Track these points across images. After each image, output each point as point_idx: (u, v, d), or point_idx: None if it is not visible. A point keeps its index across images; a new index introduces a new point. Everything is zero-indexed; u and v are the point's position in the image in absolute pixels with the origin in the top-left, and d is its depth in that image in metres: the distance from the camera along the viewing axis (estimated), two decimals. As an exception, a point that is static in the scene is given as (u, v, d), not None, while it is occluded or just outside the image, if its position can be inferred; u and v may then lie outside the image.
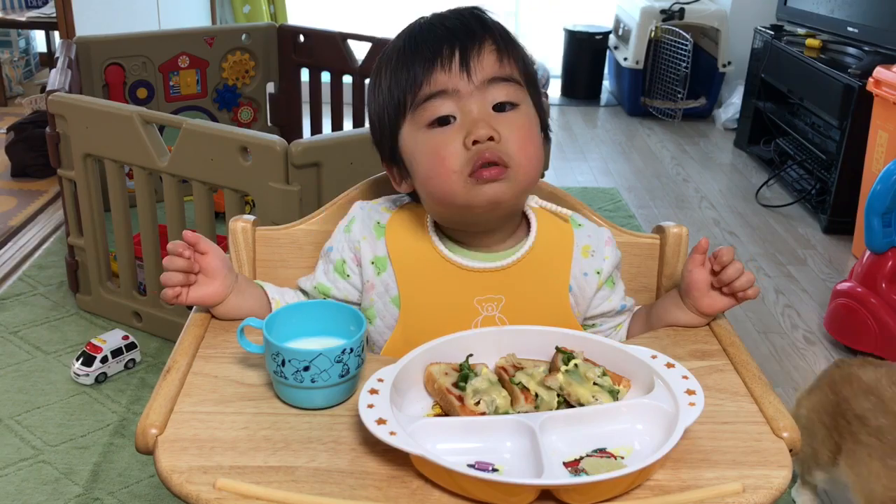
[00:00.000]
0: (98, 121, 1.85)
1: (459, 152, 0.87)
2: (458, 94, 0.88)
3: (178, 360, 0.84)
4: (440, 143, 0.88)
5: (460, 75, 0.87)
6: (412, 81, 0.89)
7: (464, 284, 0.94)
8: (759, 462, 0.72)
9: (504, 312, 0.94)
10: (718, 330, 0.94)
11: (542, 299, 0.95)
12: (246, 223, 1.02)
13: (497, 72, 0.88)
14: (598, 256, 0.98)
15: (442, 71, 0.88)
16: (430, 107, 0.88)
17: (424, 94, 0.88)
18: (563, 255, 0.97)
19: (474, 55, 0.88)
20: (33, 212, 2.69)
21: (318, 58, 2.79)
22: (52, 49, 4.29)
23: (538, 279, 0.95)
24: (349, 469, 0.71)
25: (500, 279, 0.94)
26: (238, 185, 1.71)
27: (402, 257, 0.96)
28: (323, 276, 0.99)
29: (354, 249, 0.97)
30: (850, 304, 2.00)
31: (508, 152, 0.87)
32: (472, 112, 0.88)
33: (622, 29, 4.07)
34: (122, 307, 2.02)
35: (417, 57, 0.89)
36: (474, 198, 0.88)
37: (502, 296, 0.94)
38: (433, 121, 0.89)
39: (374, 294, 0.96)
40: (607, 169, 3.34)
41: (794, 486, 1.52)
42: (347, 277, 0.98)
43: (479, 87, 0.88)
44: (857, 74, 2.66)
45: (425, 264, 0.95)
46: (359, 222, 0.98)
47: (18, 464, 1.56)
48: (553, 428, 0.74)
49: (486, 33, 0.89)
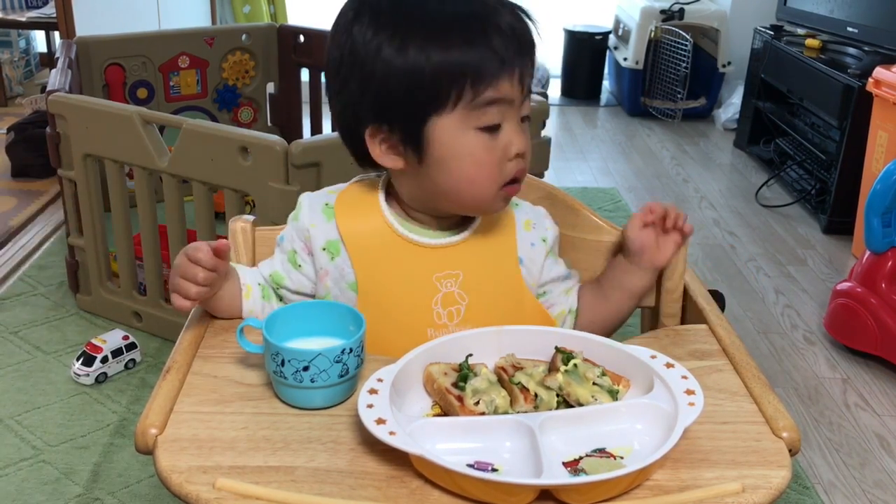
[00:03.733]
0: (98, 121, 1.85)
1: (500, 163, 0.89)
2: (513, 104, 0.88)
3: (177, 360, 0.84)
4: (482, 153, 0.88)
5: (519, 89, 0.88)
6: (471, 77, 0.84)
7: (421, 261, 0.94)
8: (758, 462, 0.72)
9: (462, 288, 0.94)
10: (718, 330, 0.94)
11: (497, 273, 0.96)
12: (246, 223, 1.02)
13: (529, 86, 0.90)
14: (541, 227, 1.00)
15: (509, 80, 0.86)
16: (490, 112, 0.86)
17: (488, 97, 0.85)
18: (507, 230, 0.98)
19: (528, 72, 0.88)
20: (33, 212, 2.69)
21: (318, 58, 2.79)
22: (52, 49, 4.29)
23: (490, 253, 0.97)
24: (348, 469, 0.71)
25: (456, 254, 0.95)
26: (238, 185, 1.71)
27: (356, 238, 0.94)
28: (279, 265, 0.98)
29: (304, 238, 0.96)
30: (850, 304, 2.00)
31: (525, 168, 0.92)
32: (514, 121, 0.89)
33: (622, 29, 4.06)
34: (122, 307, 2.02)
35: (477, 50, 0.84)
36: (495, 205, 0.93)
37: (460, 271, 0.94)
38: (486, 126, 0.87)
39: (329, 280, 0.95)
40: (607, 169, 3.34)
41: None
42: (299, 268, 0.97)
43: (524, 101, 0.90)
44: (856, 74, 2.66)
45: (380, 243, 0.94)
46: (306, 209, 0.96)
47: (18, 464, 1.56)
48: (552, 428, 0.74)
49: (533, 47, 0.90)
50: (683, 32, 3.73)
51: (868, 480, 1.62)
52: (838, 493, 1.58)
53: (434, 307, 0.94)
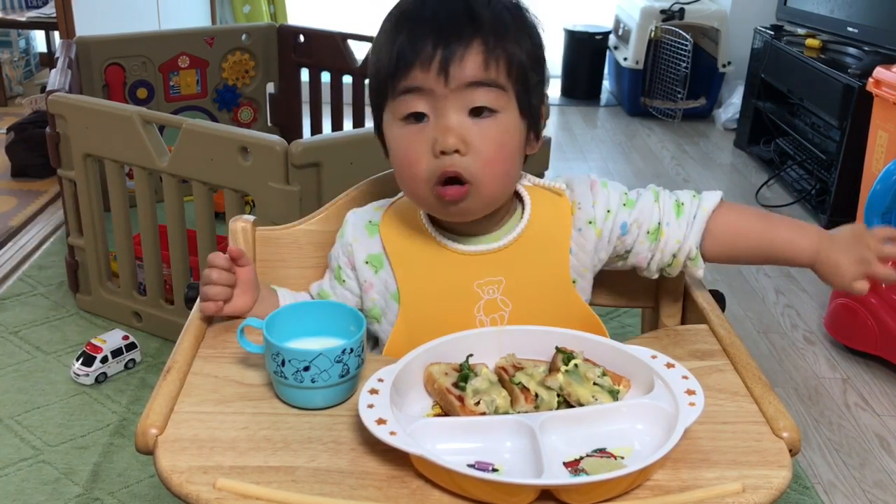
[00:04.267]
0: (98, 121, 1.85)
1: (427, 158, 0.86)
2: (433, 94, 0.84)
3: (178, 360, 0.84)
4: (410, 143, 0.87)
5: (437, 78, 0.83)
6: (392, 68, 0.85)
7: (462, 270, 0.93)
8: (758, 462, 0.72)
9: (505, 294, 0.93)
10: (719, 330, 0.94)
11: (542, 276, 0.94)
12: (246, 223, 1.03)
13: (479, 76, 0.84)
14: (586, 205, 0.94)
15: (421, 69, 0.84)
16: (405, 101, 0.86)
17: (402, 87, 0.85)
18: (561, 227, 0.95)
19: (456, 59, 0.83)
20: (33, 212, 2.69)
21: (317, 58, 2.79)
22: (52, 49, 4.29)
23: (536, 256, 0.94)
24: (349, 469, 0.71)
25: (499, 260, 0.93)
26: (238, 185, 1.71)
27: (399, 251, 0.95)
28: (327, 282, 1.01)
29: (348, 253, 0.98)
30: (850, 304, 2.00)
31: (473, 168, 0.86)
32: (445, 116, 0.85)
33: (622, 29, 4.06)
34: (122, 307, 2.02)
35: (402, 42, 0.85)
36: (441, 211, 0.90)
37: (502, 277, 0.93)
38: (406, 115, 0.87)
39: (375, 293, 0.97)
40: (607, 169, 3.34)
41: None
42: (343, 283, 0.98)
43: (456, 90, 0.84)
44: (857, 74, 2.66)
45: (422, 255, 0.95)
46: (350, 226, 0.98)
47: (18, 464, 1.56)
48: (553, 428, 0.74)
49: (475, 33, 0.84)
50: (683, 32, 3.73)
51: (868, 480, 1.62)
52: (838, 493, 1.58)
53: (477, 314, 0.93)
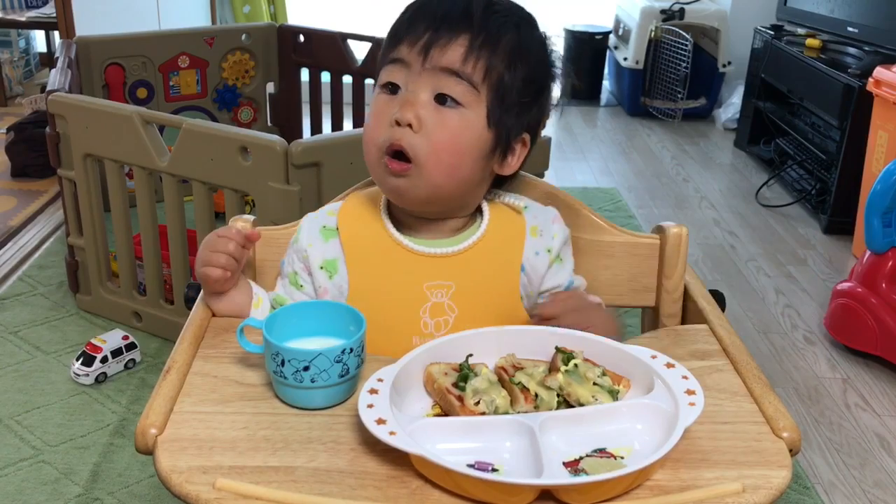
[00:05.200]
0: (98, 121, 1.85)
1: (386, 126, 0.89)
2: (409, 67, 0.89)
3: (177, 360, 0.84)
4: (379, 109, 0.91)
5: (418, 55, 0.88)
6: (388, 41, 0.91)
7: (413, 269, 0.94)
8: (758, 462, 0.72)
9: (453, 299, 0.94)
10: (719, 330, 0.94)
11: (492, 287, 0.95)
12: (246, 223, 1.02)
13: (454, 65, 0.87)
14: (547, 235, 0.98)
15: (408, 45, 0.89)
16: (387, 70, 0.91)
17: (389, 57, 0.91)
18: (515, 241, 0.97)
19: (440, 43, 0.87)
20: (33, 212, 2.69)
21: (318, 58, 2.79)
22: (52, 49, 4.29)
23: (489, 266, 0.95)
24: (349, 469, 0.71)
25: (451, 265, 0.94)
26: (238, 185, 1.71)
27: (355, 245, 0.96)
28: (281, 289, 1.00)
29: (303, 259, 0.98)
30: (850, 304, 2.00)
31: (419, 148, 0.88)
32: (412, 91, 0.88)
33: (622, 29, 4.06)
34: (122, 307, 2.02)
35: (403, 21, 0.91)
36: (382, 181, 0.92)
37: (452, 283, 0.94)
38: (384, 83, 0.91)
39: (329, 297, 0.97)
40: (607, 169, 3.34)
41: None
42: (301, 288, 0.98)
43: (430, 70, 0.88)
44: (857, 74, 2.66)
45: (376, 248, 0.95)
46: (305, 231, 0.99)
47: (18, 464, 1.56)
48: (553, 428, 0.74)
49: (466, 27, 0.88)
50: (683, 32, 3.73)
51: (868, 480, 1.62)
52: (838, 493, 1.58)
53: (422, 316, 0.94)
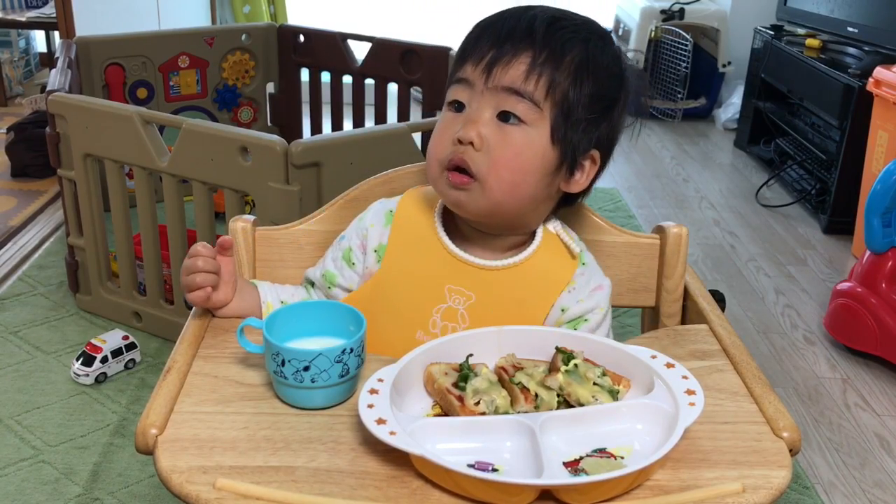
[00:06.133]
0: (98, 121, 1.85)
1: (449, 143, 0.89)
2: (474, 87, 0.89)
3: (178, 360, 0.84)
4: (444, 126, 0.91)
5: (481, 74, 0.88)
6: (456, 60, 0.93)
7: (441, 267, 0.94)
8: (758, 462, 0.72)
9: (468, 310, 0.94)
10: (718, 330, 0.94)
11: (512, 316, 0.93)
12: (246, 223, 1.03)
13: (515, 83, 0.87)
14: (575, 295, 0.95)
15: (473, 64, 0.90)
16: (453, 90, 0.92)
17: (456, 77, 0.92)
18: (550, 287, 0.95)
19: (502, 62, 0.88)
20: (33, 212, 2.69)
21: (318, 58, 2.79)
22: (52, 49, 4.29)
23: (517, 293, 0.94)
24: (349, 469, 0.71)
25: (478, 277, 0.94)
26: (238, 185, 1.71)
27: (402, 228, 0.97)
28: (331, 263, 1.00)
29: (362, 236, 0.98)
30: (850, 304, 2.00)
31: (482, 165, 0.88)
32: (475, 110, 0.89)
33: (622, 29, 4.06)
34: (122, 307, 2.02)
35: (470, 40, 0.92)
36: (443, 192, 0.92)
37: (473, 294, 0.94)
38: (450, 102, 0.91)
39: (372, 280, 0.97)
40: (607, 169, 3.34)
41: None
42: (353, 266, 0.99)
43: (493, 90, 0.88)
44: (857, 74, 2.66)
45: (418, 237, 0.96)
46: (372, 212, 1.00)
47: (18, 464, 1.56)
48: (553, 428, 0.74)
49: (529, 45, 0.88)
50: (683, 32, 3.73)
51: (868, 480, 1.62)
52: (838, 493, 1.58)
53: (434, 314, 0.94)
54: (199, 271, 0.89)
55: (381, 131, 1.75)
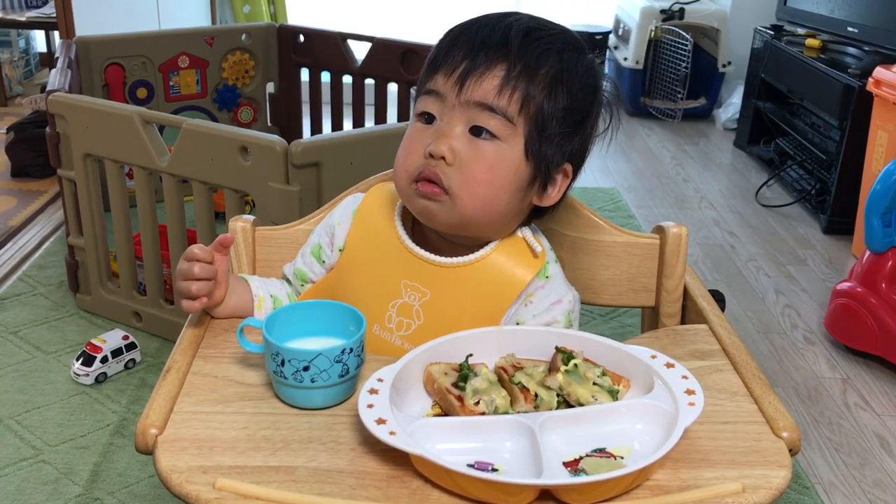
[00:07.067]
0: (98, 121, 1.85)
1: (419, 155, 0.88)
2: (445, 100, 0.88)
3: (177, 360, 0.84)
4: (413, 138, 0.90)
5: (453, 87, 0.87)
6: (426, 69, 0.91)
7: (398, 263, 0.94)
8: (758, 462, 0.72)
9: (424, 308, 0.93)
10: (718, 330, 0.94)
11: (468, 313, 0.92)
12: (246, 223, 1.03)
13: (489, 99, 0.86)
14: (531, 309, 0.94)
15: (444, 75, 0.88)
16: (423, 100, 0.90)
17: (426, 87, 0.90)
18: (507, 287, 0.93)
19: (475, 75, 0.86)
20: (33, 212, 2.69)
21: (318, 58, 2.79)
22: (52, 49, 4.29)
23: (473, 291, 0.93)
24: (349, 469, 0.71)
25: (434, 274, 0.93)
26: (238, 185, 1.71)
27: (363, 223, 0.97)
28: (301, 260, 1.01)
29: (331, 234, 0.99)
30: (850, 304, 2.00)
31: (453, 180, 0.87)
32: (447, 123, 0.87)
33: (622, 29, 4.06)
34: (122, 307, 2.02)
35: (442, 49, 0.90)
36: (411, 203, 0.91)
37: (428, 291, 0.93)
38: (420, 113, 0.90)
39: None
40: (607, 169, 3.34)
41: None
42: (322, 263, 0.99)
43: (464, 104, 0.86)
44: (857, 74, 2.66)
45: (377, 233, 0.96)
46: (340, 207, 1.00)
47: (18, 464, 1.56)
48: (553, 428, 0.74)
49: (503, 57, 0.86)
50: (683, 32, 3.73)
51: (868, 480, 1.62)
52: (838, 493, 1.58)
53: (390, 309, 0.94)
54: (195, 279, 0.87)
55: (381, 131, 1.75)
